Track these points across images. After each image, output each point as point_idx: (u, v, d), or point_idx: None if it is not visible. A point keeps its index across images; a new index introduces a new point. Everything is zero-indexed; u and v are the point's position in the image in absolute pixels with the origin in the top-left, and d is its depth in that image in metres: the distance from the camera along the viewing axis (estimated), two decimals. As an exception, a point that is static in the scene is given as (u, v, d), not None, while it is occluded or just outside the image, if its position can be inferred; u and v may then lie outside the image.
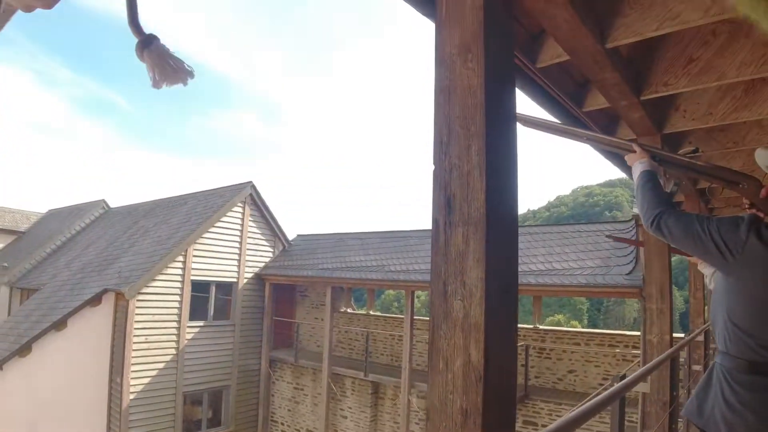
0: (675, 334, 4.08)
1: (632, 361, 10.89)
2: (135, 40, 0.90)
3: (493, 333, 1.03)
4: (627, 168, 5.61)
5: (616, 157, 4.93)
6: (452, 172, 1.10)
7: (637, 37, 2.64)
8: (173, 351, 13.93)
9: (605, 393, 1.67)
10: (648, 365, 2.14)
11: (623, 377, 2.08)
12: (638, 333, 11.01)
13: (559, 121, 3.57)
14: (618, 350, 11.46)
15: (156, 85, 0.88)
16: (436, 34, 1.24)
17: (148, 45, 0.88)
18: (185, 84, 0.90)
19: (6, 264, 19.39)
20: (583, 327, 37.17)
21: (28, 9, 0.46)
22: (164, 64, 0.88)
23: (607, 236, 11.21)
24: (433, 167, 1.14)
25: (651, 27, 2.58)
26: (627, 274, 10.16)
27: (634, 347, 11.09)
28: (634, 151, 2.10)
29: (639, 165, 2.01)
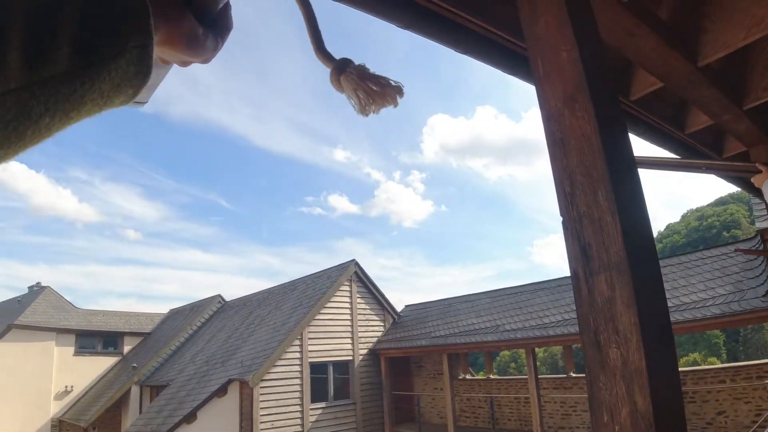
0: None
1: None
2: (326, 70, 0.79)
3: (657, 377, 0.99)
4: (745, 184, 5.21)
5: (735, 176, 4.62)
6: (582, 220, 1.10)
7: (728, 49, 2.55)
8: (299, 434, 14.11)
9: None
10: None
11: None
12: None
13: (670, 155, 3.44)
14: None
15: (363, 111, 0.77)
16: (538, 90, 1.28)
17: (343, 69, 0.76)
18: (396, 103, 0.77)
19: (135, 365, 20.90)
20: (722, 362, 33.53)
21: (185, 64, 0.50)
22: (368, 85, 0.75)
23: (736, 250, 10.31)
24: (561, 219, 1.15)
25: (739, 37, 2.49)
26: (764, 296, 9.19)
27: (787, 375, 9.86)
28: (760, 171, 1.98)
29: None
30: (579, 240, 1.10)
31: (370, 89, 0.75)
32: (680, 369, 11.94)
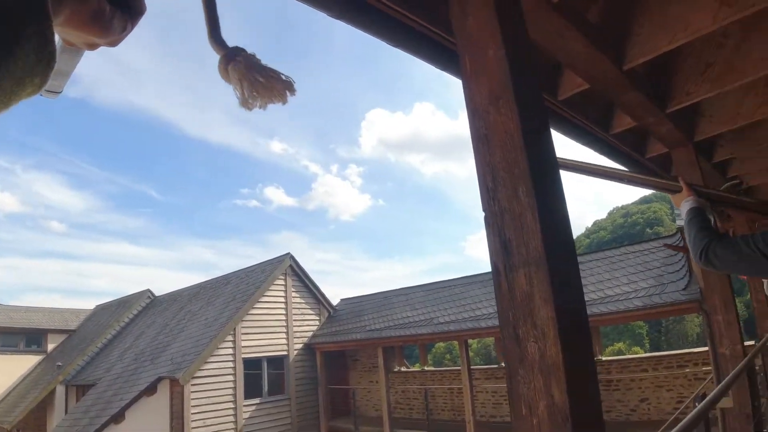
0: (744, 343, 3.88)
1: (705, 379, 10.31)
2: (216, 58, 0.74)
3: (573, 371, 1.01)
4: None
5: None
6: (503, 216, 1.12)
7: (653, 53, 2.66)
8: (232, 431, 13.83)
9: (692, 414, 1.59)
10: (728, 378, 2.04)
11: (704, 396, 1.98)
12: (706, 348, 10.47)
13: (597, 153, 3.57)
14: (688, 370, 10.92)
15: (245, 104, 0.72)
16: (465, 87, 1.29)
17: (232, 59, 0.72)
18: (284, 100, 0.72)
19: (60, 363, 19.85)
20: (645, 352, 35.59)
21: (92, 47, 0.47)
22: (255, 77, 0.71)
23: (664, 245, 10.94)
24: (483, 214, 1.16)
25: (664, 42, 2.61)
26: (683, 289, 9.80)
27: (704, 364, 10.53)
28: (680, 190, 2.07)
29: (686, 204, 2.00)
30: (500, 235, 1.11)
31: (255, 81, 0.71)
32: (605, 358, 12.59)
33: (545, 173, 1.15)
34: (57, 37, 0.37)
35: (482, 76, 1.25)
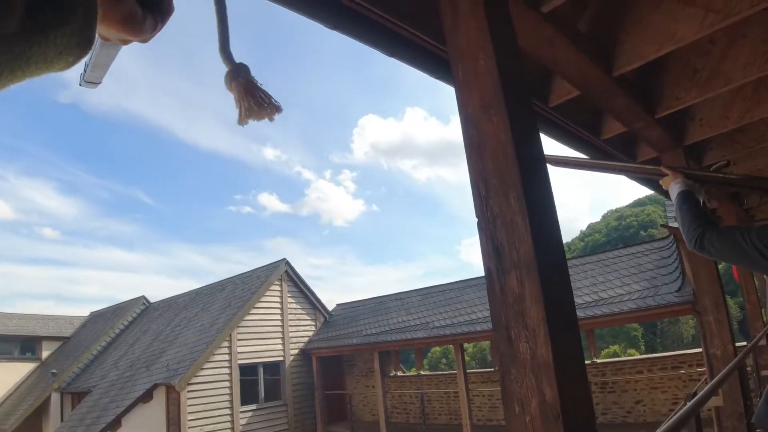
0: (737, 343, 3.93)
1: (699, 380, 10.35)
2: (215, 68, 0.84)
3: (563, 369, 1.06)
4: (657, 186, 5.55)
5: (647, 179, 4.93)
6: (496, 221, 1.16)
7: (641, 61, 2.71)
8: (230, 438, 13.79)
9: (680, 413, 1.62)
10: (717, 378, 2.08)
11: (694, 395, 2.02)
12: (700, 350, 10.52)
13: (585, 156, 3.61)
14: (683, 371, 10.94)
15: (241, 120, 0.83)
16: (457, 95, 1.33)
17: (237, 76, 0.82)
18: (272, 119, 0.84)
19: (55, 371, 19.74)
20: (641, 354, 35.65)
21: (124, 43, 0.51)
22: (251, 97, 0.82)
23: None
24: (476, 219, 1.20)
25: (651, 50, 2.66)
26: (676, 291, 9.86)
27: (699, 365, 10.56)
28: (667, 174, 2.11)
29: (675, 186, 2.02)
30: (492, 240, 1.16)
31: (251, 103, 0.82)
32: (600, 361, 12.64)
33: (535, 180, 1.19)
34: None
35: (473, 85, 1.30)
